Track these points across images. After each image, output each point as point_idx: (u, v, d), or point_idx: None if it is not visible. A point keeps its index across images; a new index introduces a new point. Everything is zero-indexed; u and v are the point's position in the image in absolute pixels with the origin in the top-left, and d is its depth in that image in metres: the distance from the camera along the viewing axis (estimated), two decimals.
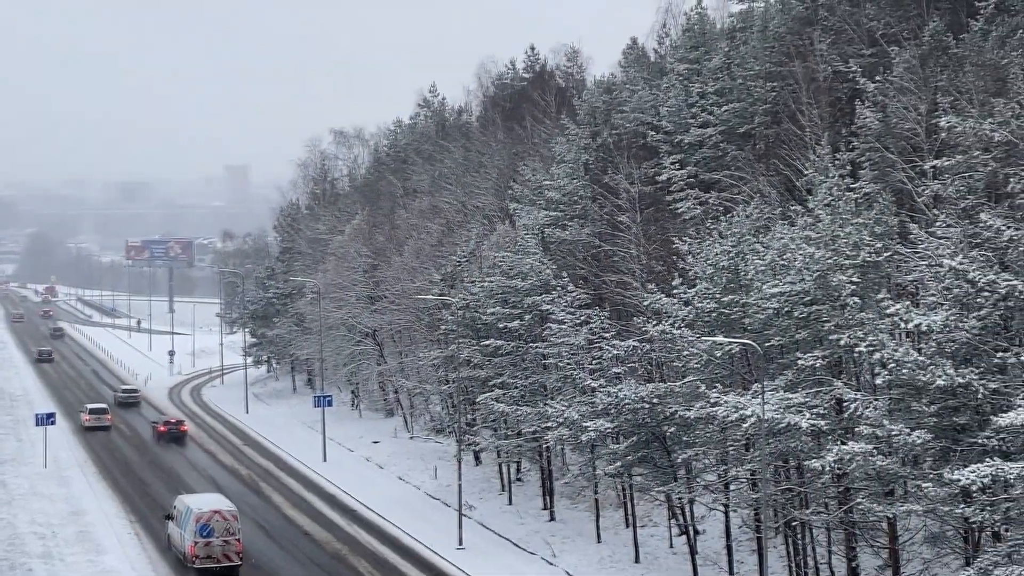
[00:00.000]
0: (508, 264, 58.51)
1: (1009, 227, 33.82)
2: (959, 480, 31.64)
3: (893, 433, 35.31)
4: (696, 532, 50.15)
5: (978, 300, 33.94)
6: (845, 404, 37.68)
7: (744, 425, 39.13)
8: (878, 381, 37.09)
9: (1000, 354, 33.68)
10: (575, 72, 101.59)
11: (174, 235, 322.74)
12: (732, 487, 45.45)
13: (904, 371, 34.51)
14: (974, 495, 33.26)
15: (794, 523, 43.60)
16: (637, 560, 51.47)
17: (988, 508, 33.34)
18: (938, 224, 37.23)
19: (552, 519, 59.17)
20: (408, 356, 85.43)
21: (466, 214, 79.17)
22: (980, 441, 33.54)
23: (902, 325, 35.52)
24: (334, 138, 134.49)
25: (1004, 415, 31.38)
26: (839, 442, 36.91)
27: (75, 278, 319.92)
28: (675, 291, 44.64)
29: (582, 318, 52.61)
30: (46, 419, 77.34)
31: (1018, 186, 34.20)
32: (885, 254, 38.93)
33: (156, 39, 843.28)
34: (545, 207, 65.55)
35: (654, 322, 45.30)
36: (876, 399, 36.95)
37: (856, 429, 36.46)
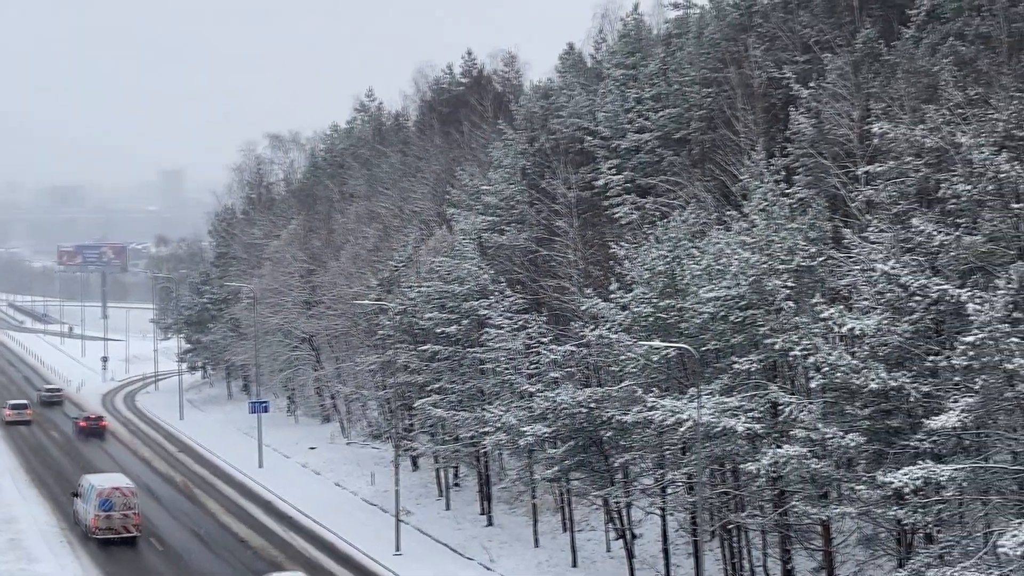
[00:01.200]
0: (446, 269, 58.43)
1: (940, 232, 34.21)
2: (892, 482, 31.92)
3: (827, 436, 35.61)
4: (633, 536, 50.32)
5: (910, 304, 34.31)
6: (780, 407, 37.96)
7: (680, 429, 39.28)
8: (812, 384, 37.40)
9: (932, 357, 34.04)
10: (512, 77, 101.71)
11: (108, 240, 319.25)
12: (669, 491, 45.64)
13: (838, 374, 34.81)
14: (907, 497, 33.60)
15: (730, 526, 43.86)
16: (575, 564, 51.54)
17: (920, 510, 33.70)
18: (871, 229, 37.57)
19: (490, 524, 59.13)
20: (345, 361, 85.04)
21: (403, 219, 78.95)
22: (912, 444, 33.88)
23: (836, 329, 35.81)
24: (270, 142, 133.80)
25: (936, 418, 31.71)
26: (774, 445, 37.17)
27: (6, 283, 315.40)
28: (612, 296, 44.74)
29: (520, 323, 52.63)
30: None
31: (949, 191, 34.60)
32: (819, 259, 39.26)
33: (90, 40, 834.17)
34: (482, 212, 65.52)
35: (591, 327, 45.39)
36: (810, 402, 37.25)
37: (791, 432, 36.74)
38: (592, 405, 45.89)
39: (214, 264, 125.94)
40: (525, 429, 47.74)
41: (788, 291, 37.56)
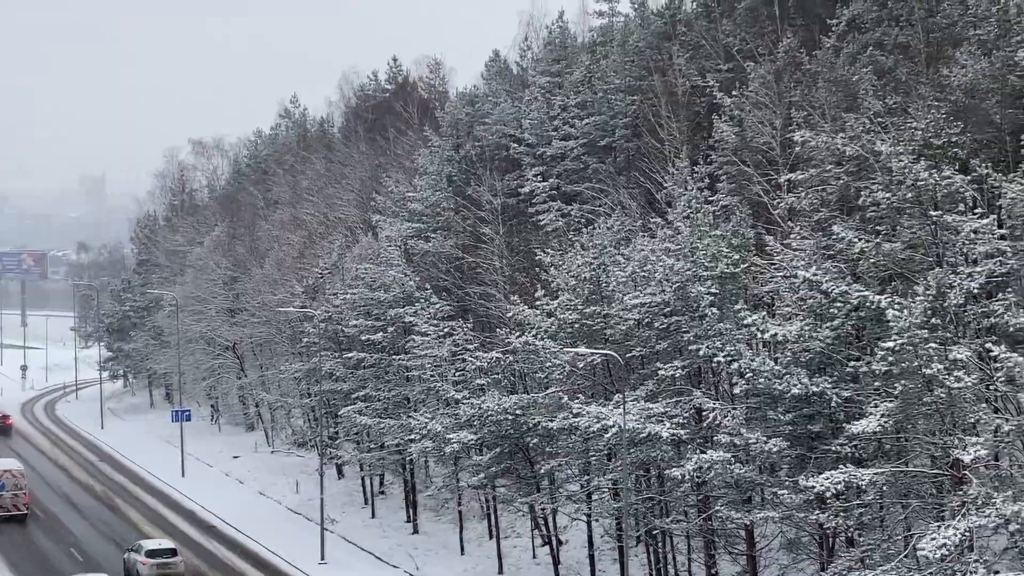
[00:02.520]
0: (371, 276, 58.17)
1: (860, 239, 34.65)
2: (814, 487, 32.25)
3: (750, 441, 35.91)
4: (559, 542, 50.40)
5: (831, 310, 34.70)
6: (704, 413, 38.23)
7: (606, 435, 39.44)
8: (736, 390, 37.69)
9: (852, 363, 34.50)
10: (438, 84, 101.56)
11: (27, 247, 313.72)
12: (595, 497, 45.76)
13: (761, 380, 35.13)
14: (828, 501, 33.98)
15: (655, 531, 44.08)
16: (501, 571, 51.51)
17: (842, 514, 34.10)
18: (793, 236, 37.96)
19: (416, 532, 58.93)
20: (269, 369, 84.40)
21: (328, 226, 78.51)
22: (834, 448, 34.23)
23: (759, 335, 36.14)
24: (193, 148, 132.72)
25: (856, 423, 32.09)
26: (699, 451, 37.44)
27: None
28: (538, 303, 44.81)
29: (446, 330, 52.52)
30: None
31: (869, 199, 35.06)
32: (742, 265, 39.61)
33: (5, 46, 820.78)
34: (408, 219, 65.39)
35: (517, 333, 45.43)
36: (734, 408, 37.55)
37: (715, 438, 37.02)
38: (518, 412, 45.92)
39: (136, 271, 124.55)
40: (451, 436, 47.65)
41: (712, 298, 37.85)
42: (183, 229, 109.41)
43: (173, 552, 52.03)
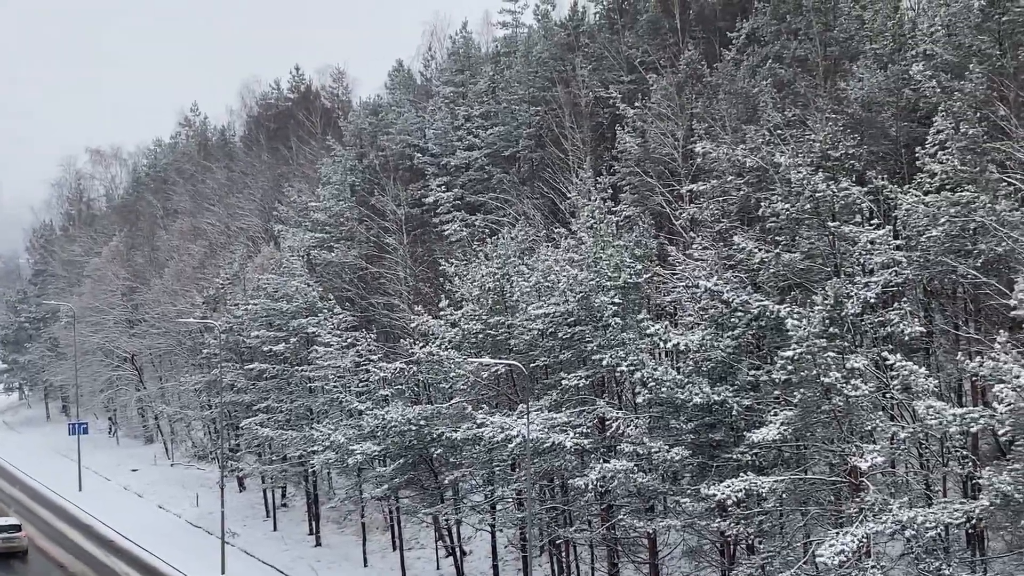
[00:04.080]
0: (273, 286, 57.60)
1: (760, 249, 35.08)
2: (715, 495, 32.53)
3: (653, 450, 36.13)
4: (463, 553, 50.30)
5: (732, 320, 35.07)
6: (608, 422, 38.38)
7: (510, 445, 39.42)
8: (639, 399, 37.93)
9: (753, 372, 34.89)
10: (341, 93, 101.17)
11: None
12: (499, 507, 45.74)
13: (663, 389, 35.37)
14: (729, 509, 34.32)
15: (559, 541, 44.17)
16: None
17: (742, 521, 34.46)
18: (695, 246, 38.32)
19: (318, 544, 58.44)
20: (169, 381, 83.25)
21: (230, 236, 77.69)
22: (735, 456, 34.59)
23: (661, 344, 36.39)
24: (91, 157, 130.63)
25: (757, 431, 32.43)
26: (602, 460, 37.58)
27: None
28: (442, 313, 44.73)
29: (349, 340, 52.18)
30: None
31: (768, 210, 35.50)
32: (645, 275, 39.88)
33: None
34: (311, 229, 64.93)
35: (421, 344, 45.26)
36: (637, 417, 37.76)
37: (618, 447, 37.19)
38: (422, 422, 45.74)
39: (31, 282, 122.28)
40: (354, 447, 47.33)
41: (615, 307, 38.04)
42: (81, 239, 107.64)
43: (17, 528, 58.45)
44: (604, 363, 37.49)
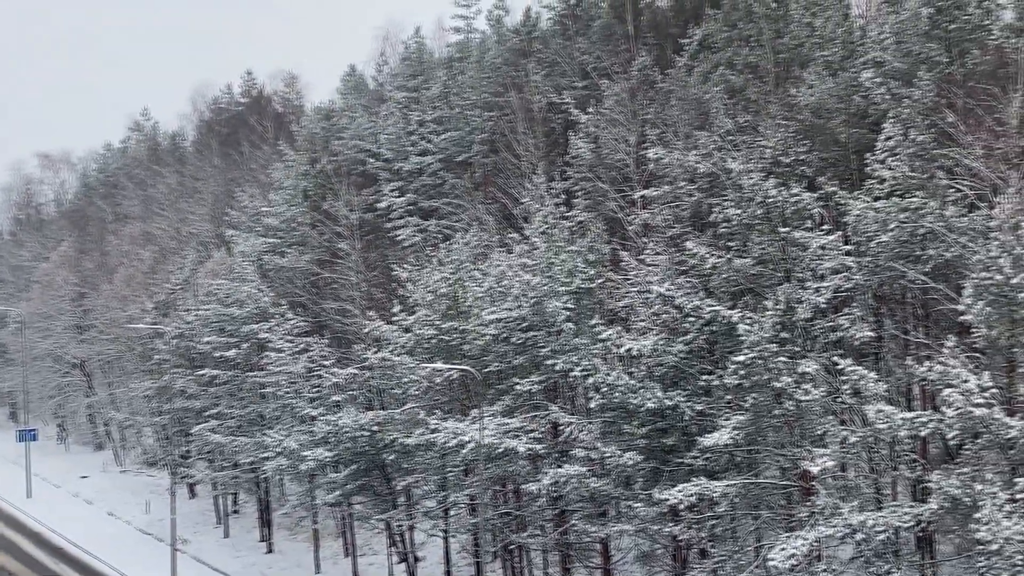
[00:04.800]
0: (224, 292, 57.27)
1: (712, 255, 35.24)
2: (668, 499, 32.66)
3: (606, 455, 36.21)
4: (416, 559, 50.17)
5: (684, 325, 35.22)
6: (561, 428, 38.43)
7: (463, 451, 39.35)
8: (592, 404, 37.97)
9: (705, 377, 35.04)
10: (293, 98, 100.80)
11: None
12: (451, 512, 45.68)
13: (616, 394, 35.44)
14: (682, 513, 34.44)
15: (512, 546, 44.15)
16: None
17: (695, 526, 34.58)
18: (647, 252, 38.43)
19: (270, 551, 58.13)
20: (119, 387, 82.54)
21: (180, 241, 77.12)
22: (687, 461, 34.73)
23: (614, 350, 36.46)
24: (40, 161, 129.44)
25: (709, 435, 32.59)
26: (555, 465, 37.61)
27: None
28: (395, 318, 44.62)
29: (301, 346, 51.93)
30: None
31: (720, 216, 35.68)
32: (598, 281, 39.96)
33: None
34: (263, 234, 64.54)
35: (374, 349, 45.13)
36: (590, 422, 37.82)
37: (571, 452, 37.23)
38: (375, 428, 45.60)
39: None
40: (306, 453, 47.11)
41: (568, 313, 38.11)
42: (29, 244, 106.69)
43: None
44: (557, 368, 37.55)
